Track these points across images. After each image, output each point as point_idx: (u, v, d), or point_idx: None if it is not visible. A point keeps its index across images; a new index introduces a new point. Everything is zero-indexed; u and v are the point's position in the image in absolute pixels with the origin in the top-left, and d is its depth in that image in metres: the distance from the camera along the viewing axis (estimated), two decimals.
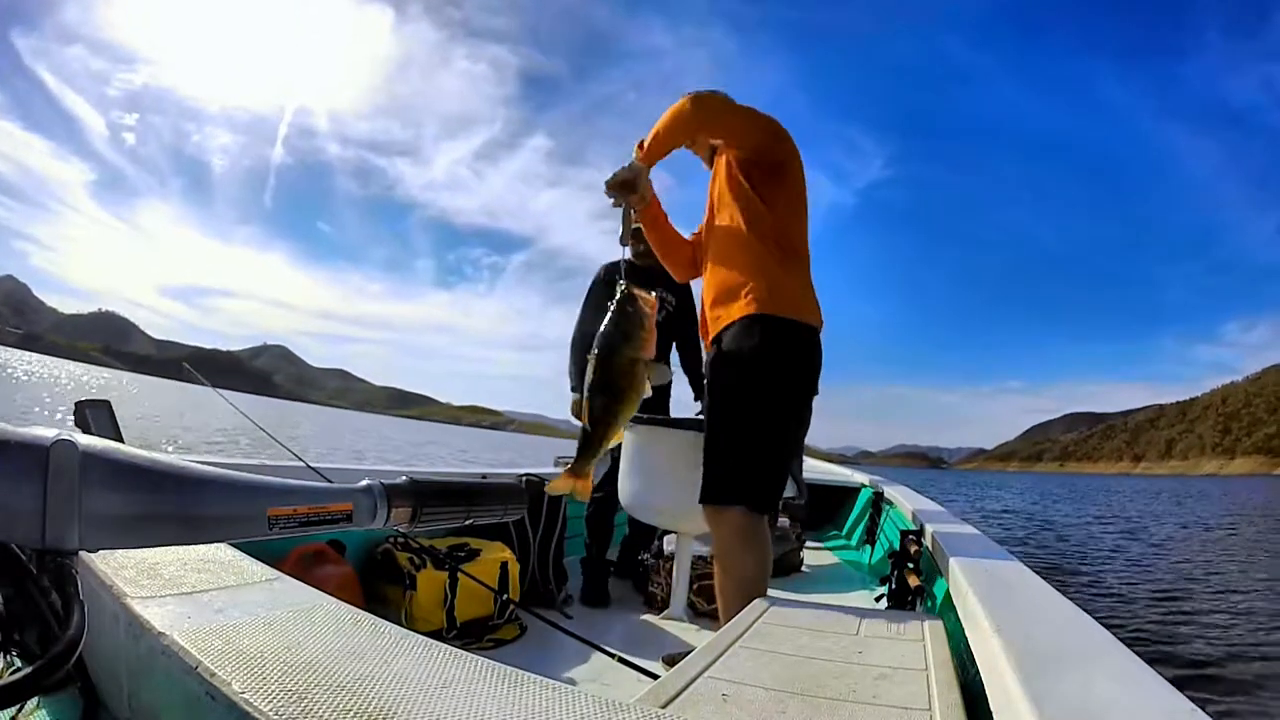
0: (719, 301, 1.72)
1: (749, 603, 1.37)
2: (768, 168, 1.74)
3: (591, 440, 1.44)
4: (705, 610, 2.31)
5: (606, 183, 1.69)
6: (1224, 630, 5.14)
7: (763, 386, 1.63)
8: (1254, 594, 6.93)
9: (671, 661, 1.78)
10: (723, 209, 1.77)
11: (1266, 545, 12.33)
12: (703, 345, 1.87)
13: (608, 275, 2.74)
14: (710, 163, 1.92)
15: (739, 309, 1.66)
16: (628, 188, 1.68)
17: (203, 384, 1.88)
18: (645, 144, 1.69)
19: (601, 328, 1.45)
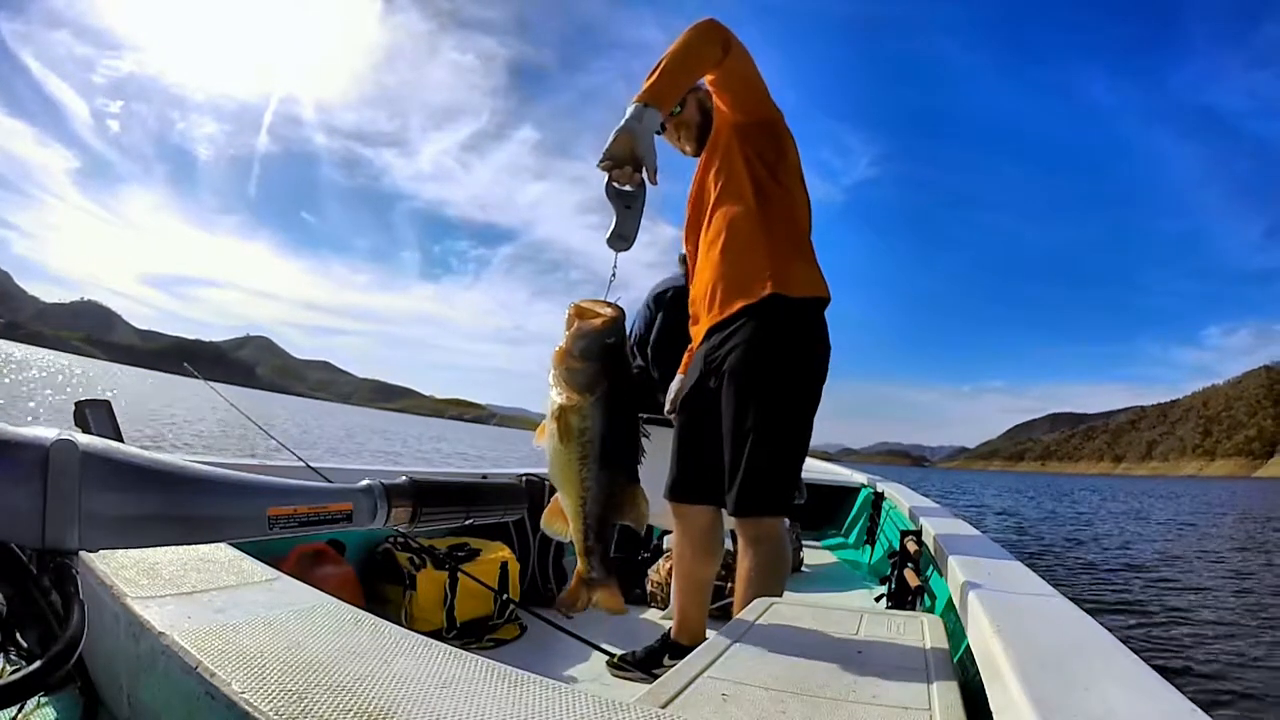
0: (731, 289, 1.60)
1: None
2: (769, 134, 1.64)
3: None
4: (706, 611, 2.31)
5: (605, 157, 1.20)
6: (1223, 630, 5.14)
7: (799, 388, 1.56)
8: (1253, 594, 6.93)
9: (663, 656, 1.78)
10: (728, 189, 1.64)
11: (1258, 546, 12.37)
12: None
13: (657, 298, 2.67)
14: (697, 150, 1.77)
15: (758, 292, 1.55)
16: (633, 164, 1.20)
17: (202, 379, 1.88)
18: (651, 81, 1.33)
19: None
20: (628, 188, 1.20)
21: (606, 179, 1.22)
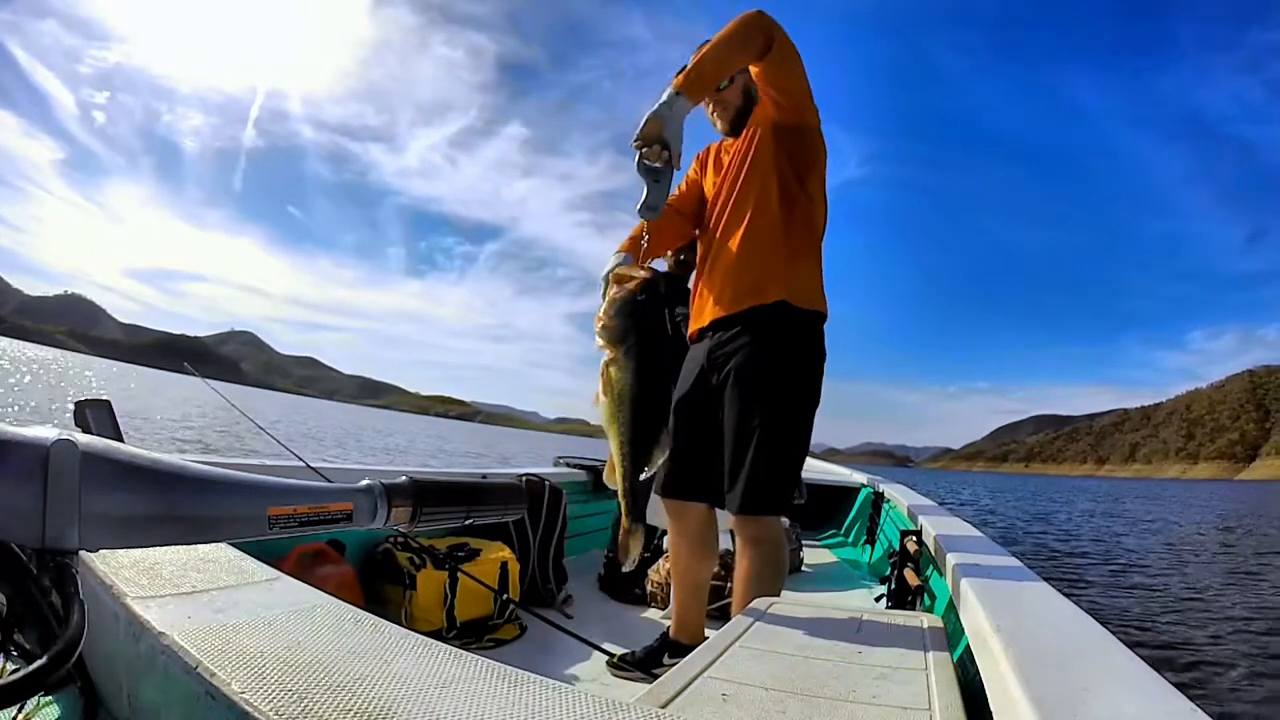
0: (742, 288, 1.61)
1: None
2: (806, 140, 1.62)
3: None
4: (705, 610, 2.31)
5: (638, 137, 1.31)
6: (1220, 629, 5.14)
7: (803, 393, 1.58)
8: (1247, 594, 6.93)
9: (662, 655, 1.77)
10: (752, 183, 1.62)
11: (1246, 547, 12.43)
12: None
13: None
14: (730, 129, 1.73)
15: (770, 296, 1.56)
16: (660, 144, 1.32)
17: (200, 378, 1.88)
18: (687, 70, 1.38)
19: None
20: (657, 164, 1.33)
21: (638, 156, 1.34)
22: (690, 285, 1.86)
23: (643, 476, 1.23)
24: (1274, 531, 16.67)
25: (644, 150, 1.31)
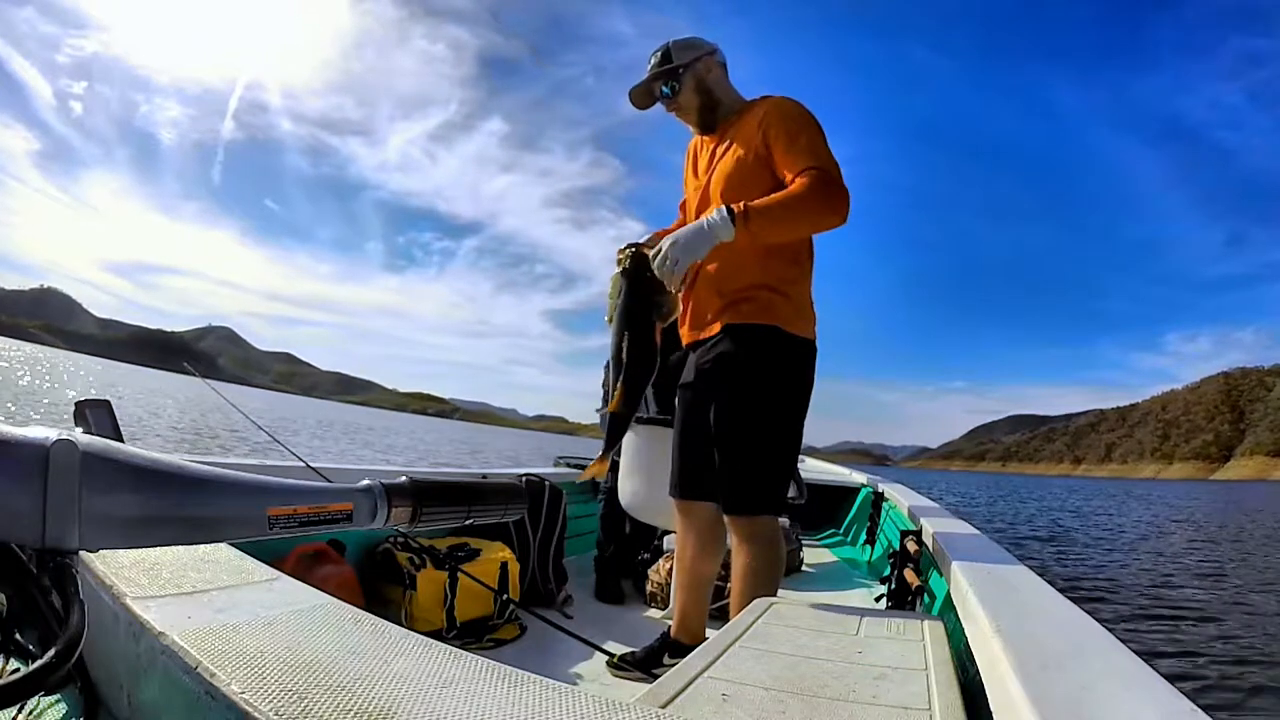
0: (722, 305, 1.63)
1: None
2: None
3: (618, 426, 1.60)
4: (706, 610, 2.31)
5: (664, 258, 1.48)
6: (1223, 630, 5.14)
7: (791, 402, 1.61)
8: (1252, 594, 6.94)
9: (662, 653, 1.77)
10: (742, 196, 1.56)
11: (1260, 547, 12.47)
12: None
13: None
14: (703, 128, 1.72)
15: (756, 315, 1.59)
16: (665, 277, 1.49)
17: (199, 376, 1.88)
18: (759, 222, 1.45)
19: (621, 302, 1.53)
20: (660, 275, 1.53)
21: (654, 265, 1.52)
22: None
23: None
24: (1223, 525, 16.93)
25: (657, 266, 1.50)
